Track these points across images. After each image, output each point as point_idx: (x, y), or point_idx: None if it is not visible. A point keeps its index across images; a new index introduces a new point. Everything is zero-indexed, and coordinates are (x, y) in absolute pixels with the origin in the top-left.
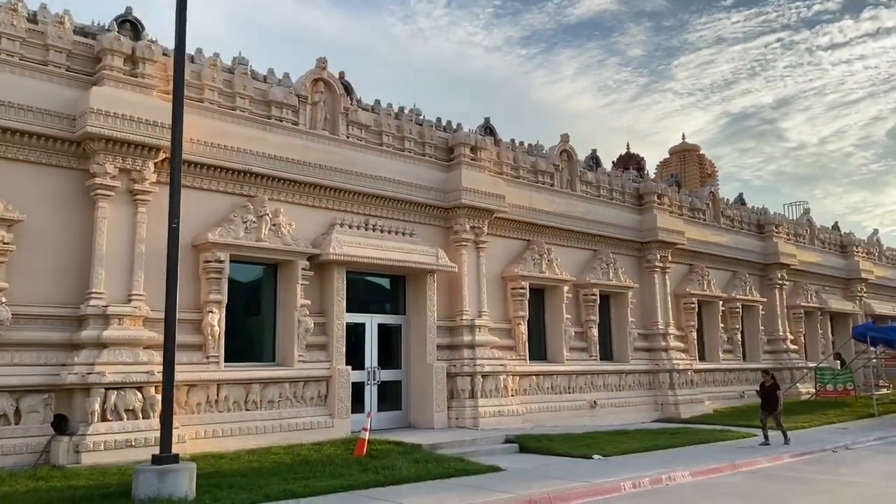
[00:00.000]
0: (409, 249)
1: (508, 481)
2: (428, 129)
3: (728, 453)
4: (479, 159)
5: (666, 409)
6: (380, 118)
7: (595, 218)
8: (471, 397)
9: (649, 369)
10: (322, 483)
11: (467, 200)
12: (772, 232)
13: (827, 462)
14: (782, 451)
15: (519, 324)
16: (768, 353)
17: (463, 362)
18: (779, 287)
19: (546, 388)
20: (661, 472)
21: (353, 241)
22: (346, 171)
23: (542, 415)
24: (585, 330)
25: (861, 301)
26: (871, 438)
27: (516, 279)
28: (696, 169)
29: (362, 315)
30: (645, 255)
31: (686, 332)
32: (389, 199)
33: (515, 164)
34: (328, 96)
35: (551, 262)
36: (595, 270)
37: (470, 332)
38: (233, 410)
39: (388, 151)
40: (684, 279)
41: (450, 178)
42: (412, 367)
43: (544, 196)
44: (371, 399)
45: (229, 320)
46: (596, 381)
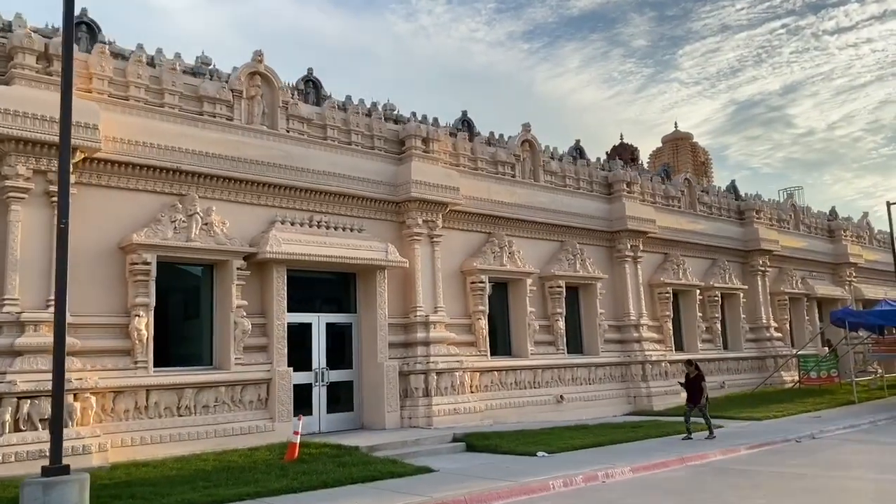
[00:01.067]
0: (357, 245)
1: (433, 483)
2: (377, 122)
3: (682, 447)
4: (431, 151)
5: (639, 402)
6: (324, 112)
7: (560, 208)
8: (425, 396)
9: (621, 361)
10: (229, 491)
11: (417, 193)
12: (752, 218)
13: (784, 453)
14: (720, 444)
15: (479, 318)
16: (751, 342)
17: (416, 360)
18: (761, 274)
19: (509, 383)
20: (599, 469)
21: (294, 238)
22: (287, 166)
23: (504, 411)
24: (552, 323)
25: (851, 286)
26: (841, 427)
27: (475, 273)
28: (688, 157)
29: (309, 315)
30: (615, 245)
31: (661, 322)
32: (336, 195)
33: (473, 155)
34: (266, 90)
35: (513, 254)
36: (561, 262)
37: (424, 329)
38: (164, 417)
39: (334, 145)
40: (659, 268)
41: (400, 171)
42: (364, 367)
43: (505, 187)
44: (319, 401)
45: (164, 323)
46: (564, 376)
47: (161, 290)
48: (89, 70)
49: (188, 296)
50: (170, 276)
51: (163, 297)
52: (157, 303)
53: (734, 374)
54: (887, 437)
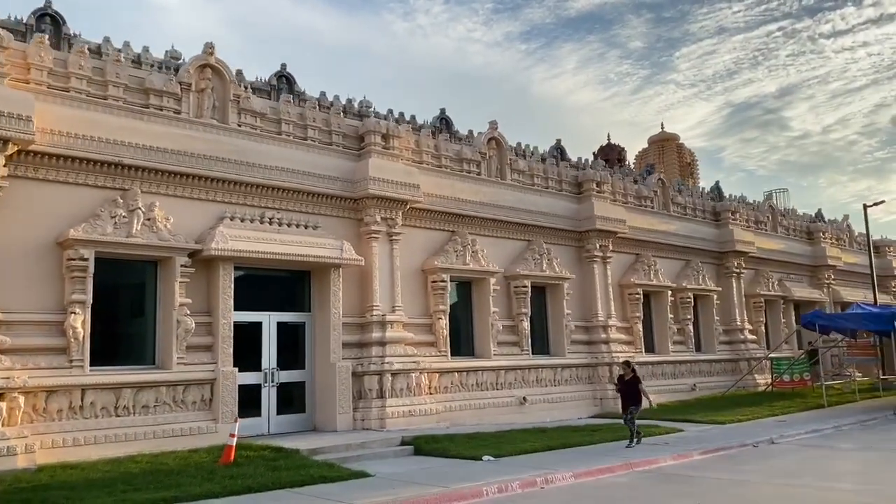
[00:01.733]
0: (310, 243)
1: (363, 489)
2: (335, 118)
3: (633, 451)
4: (392, 148)
5: (605, 404)
6: (278, 106)
7: (527, 207)
8: (379, 397)
9: (588, 363)
10: (146, 496)
11: (375, 190)
12: (728, 219)
13: (737, 459)
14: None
15: (439, 318)
16: (725, 344)
17: (371, 360)
18: (736, 275)
19: (470, 384)
20: (540, 475)
21: (243, 235)
22: (237, 161)
23: (463, 413)
24: (516, 323)
25: (829, 288)
26: (803, 431)
27: (436, 272)
28: (674, 158)
29: (259, 313)
30: (584, 245)
31: (631, 323)
32: (290, 191)
33: (437, 152)
34: (217, 83)
35: (476, 253)
36: (527, 261)
37: (380, 329)
38: (100, 417)
39: (289, 140)
40: (630, 269)
41: (359, 167)
42: (318, 368)
43: (469, 185)
44: (269, 402)
45: (103, 321)
46: (528, 377)
47: (101, 287)
48: (27, 60)
49: (131, 293)
50: (111, 272)
51: (103, 294)
52: (96, 300)
53: (706, 376)
54: (847, 442)
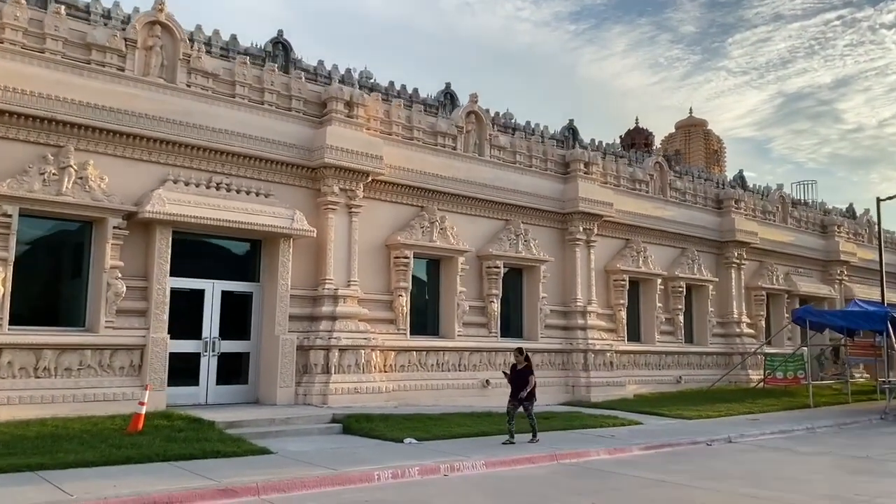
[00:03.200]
0: (259, 211)
1: (250, 467)
2: (296, 82)
3: (569, 443)
4: (355, 116)
5: (577, 392)
6: (233, 68)
7: (507, 185)
8: (324, 373)
9: (563, 349)
10: (11, 461)
11: (332, 159)
12: (730, 208)
13: (676, 457)
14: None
15: (400, 295)
16: (719, 337)
17: (318, 335)
18: (736, 266)
19: (430, 365)
20: (449, 461)
21: (185, 199)
22: (185, 123)
23: (420, 393)
24: (486, 304)
25: (842, 285)
26: (769, 432)
27: (399, 247)
28: (701, 145)
29: (202, 281)
30: (567, 228)
31: (615, 310)
32: (242, 156)
33: (409, 124)
34: (168, 41)
35: (445, 230)
36: (501, 241)
37: (332, 303)
38: (18, 377)
39: (243, 104)
40: (617, 254)
41: (317, 134)
42: (263, 340)
43: (443, 160)
44: (208, 372)
45: (30, 281)
46: (494, 360)
47: (29, 246)
48: None
49: (62, 254)
50: (40, 231)
51: (31, 253)
52: (23, 259)
53: (696, 369)
54: (808, 445)
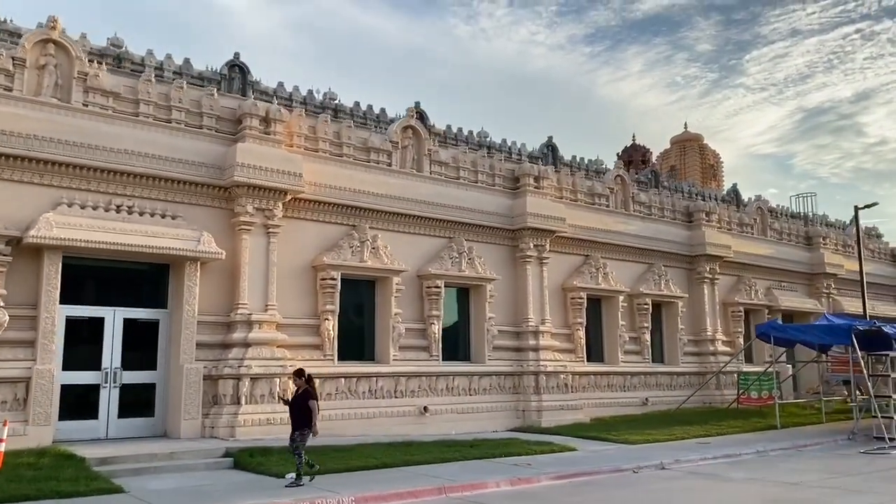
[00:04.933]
0: (162, 233)
1: None
2: (208, 99)
3: (473, 473)
4: (273, 133)
5: (528, 417)
6: (136, 85)
7: (449, 202)
8: (233, 403)
9: (513, 371)
10: None
11: (243, 177)
12: (701, 220)
13: (585, 487)
14: (528, 472)
15: (327, 319)
16: (692, 355)
17: (227, 363)
18: (709, 281)
19: (361, 392)
20: (316, 497)
21: (78, 222)
22: (80, 143)
23: (348, 423)
24: (427, 327)
25: (829, 298)
26: (711, 456)
27: (325, 269)
28: (696, 160)
29: (102, 308)
30: (517, 245)
31: (573, 329)
32: (146, 177)
33: (338, 140)
34: (63, 60)
35: (377, 249)
36: (443, 260)
37: (245, 329)
38: None
39: (147, 122)
40: (575, 271)
41: (229, 152)
42: (171, 369)
43: (376, 176)
44: (109, 404)
45: None
46: (436, 385)
47: None
48: None
49: None
50: None
51: None
52: None
53: (666, 389)
54: (744, 472)
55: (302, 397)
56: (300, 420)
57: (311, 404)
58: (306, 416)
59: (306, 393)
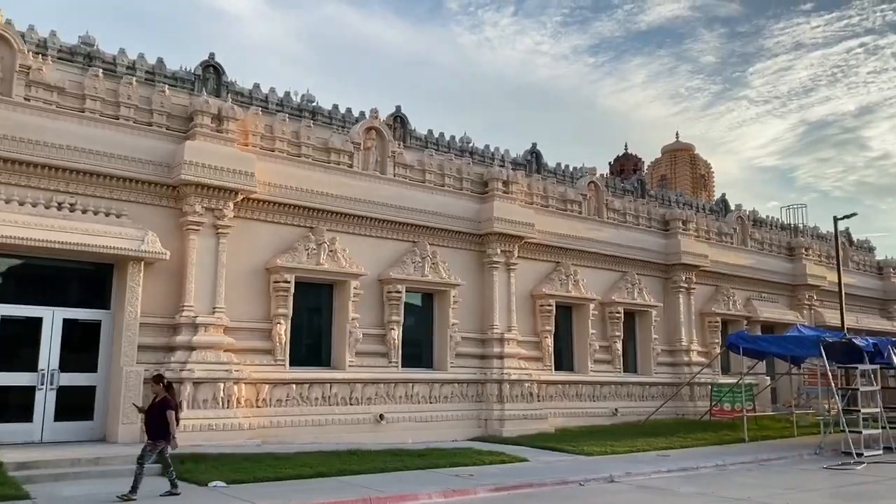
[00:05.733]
0: (104, 232)
1: None
2: (159, 96)
3: (406, 484)
4: (226, 131)
5: (490, 426)
6: (83, 81)
7: (413, 205)
8: None
9: (476, 379)
10: None
11: (191, 176)
12: (677, 229)
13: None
14: (467, 483)
15: (279, 323)
16: (666, 366)
17: (168, 366)
18: (685, 291)
19: (315, 399)
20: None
21: (14, 220)
22: (18, 138)
23: (298, 430)
24: (387, 332)
25: (811, 310)
26: (665, 469)
27: (279, 271)
28: (687, 170)
29: (40, 308)
30: (485, 250)
31: (541, 338)
32: (91, 174)
33: (297, 140)
34: (6, 53)
35: (335, 252)
36: (405, 265)
37: (190, 332)
38: None
39: (93, 118)
40: (545, 278)
41: (177, 150)
42: (112, 371)
43: (336, 178)
44: (45, 407)
45: None
46: (394, 392)
47: None
48: None
49: None
50: None
51: None
52: None
53: (637, 400)
54: (695, 486)
55: (160, 406)
56: (156, 431)
57: (168, 414)
58: (163, 427)
59: (165, 401)
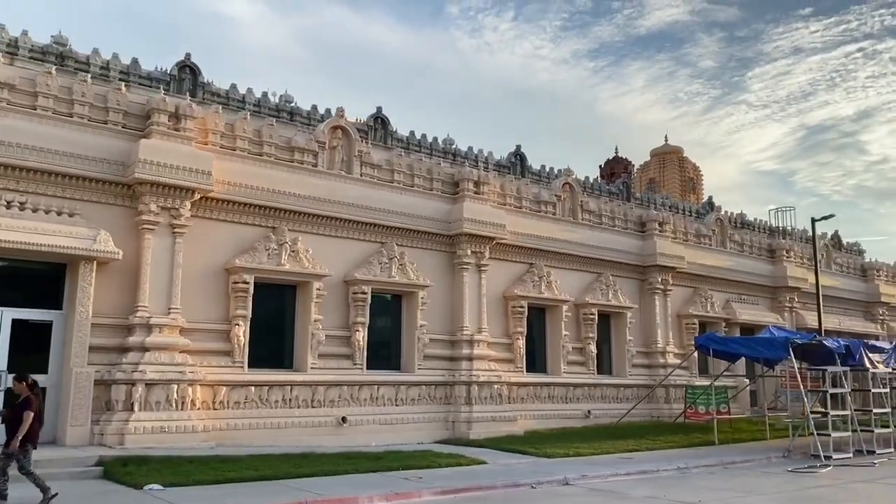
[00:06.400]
0: (54, 231)
1: None
2: (114, 94)
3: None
4: (183, 129)
5: (457, 428)
6: (35, 78)
7: (380, 205)
8: (126, 410)
9: (445, 381)
10: None
11: (146, 174)
12: (654, 231)
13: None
14: (407, 486)
15: (238, 325)
16: (642, 367)
17: (121, 368)
18: (661, 292)
19: (274, 401)
20: None
21: None
22: None
23: (256, 433)
24: (352, 334)
25: (792, 312)
26: (623, 472)
27: (238, 272)
28: (675, 173)
29: None
30: (455, 251)
31: (513, 339)
32: (42, 172)
33: (259, 138)
34: None
35: (297, 252)
36: (371, 266)
37: (144, 332)
38: None
39: (46, 116)
40: (518, 280)
41: (133, 148)
42: (63, 373)
43: (300, 177)
44: None
45: None
46: (359, 394)
47: None
48: None
49: None
50: None
51: None
52: None
53: (611, 402)
54: (650, 489)
55: (20, 406)
56: (16, 431)
57: (25, 414)
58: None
59: (27, 401)
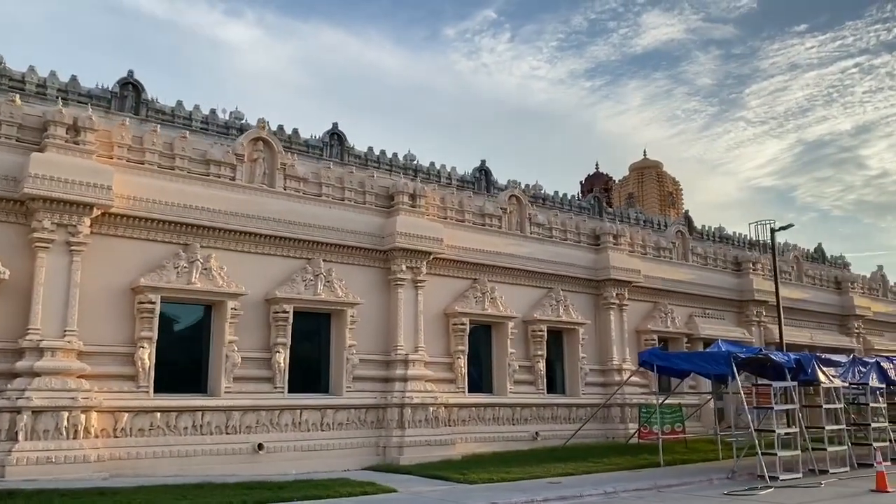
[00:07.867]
0: None
1: None
2: (7, 105)
3: None
4: (83, 143)
5: (388, 454)
6: None
7: (305, 220)
8: (9, 439)
9: (376, 404)
10: None
11: (37, 190)
12: (608, 244)
13: None
14: None
15: (142, 347)
16: (597, 386)
17: (4, 395)
18: (616, 307)
19: (183, 428)
20: None
21: None
22: None
23: (160, 462)
24: (272, 356)
25: (760, 327)
26: (540, 498)
27: (144, 292)
28: (654, 187)
29: None
30: (390, 267)
31: (454, 358)
32: None
33: (170, 151)
34: None
35: (210, 270)
36: (295, 283)
37: (35, 356)
38: None
39: None
40: (460, 296)
41: (23, 163)
42: None
43: (215, 192)
44: None
45: None
46: (280, 420)
47: None
48: None
49: None
50: None
51: None
52: None
53: (563, 422)
54: None
55: None
56: None
57: None
58: None
59: None
